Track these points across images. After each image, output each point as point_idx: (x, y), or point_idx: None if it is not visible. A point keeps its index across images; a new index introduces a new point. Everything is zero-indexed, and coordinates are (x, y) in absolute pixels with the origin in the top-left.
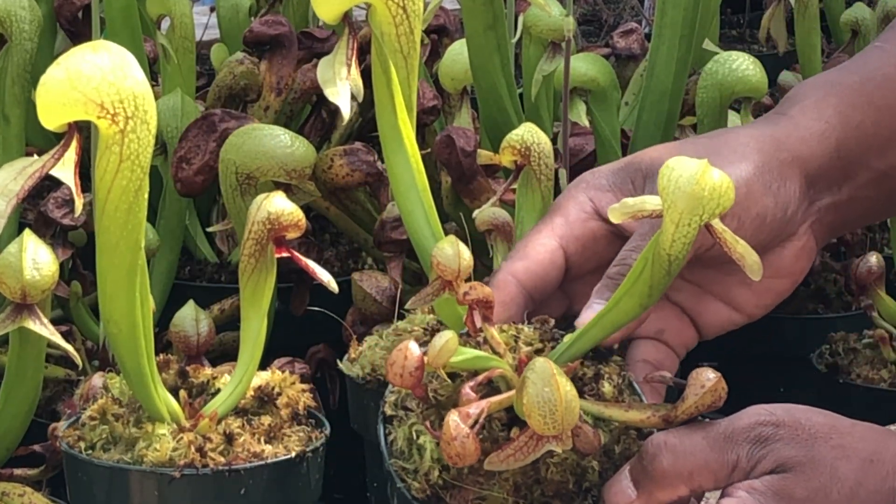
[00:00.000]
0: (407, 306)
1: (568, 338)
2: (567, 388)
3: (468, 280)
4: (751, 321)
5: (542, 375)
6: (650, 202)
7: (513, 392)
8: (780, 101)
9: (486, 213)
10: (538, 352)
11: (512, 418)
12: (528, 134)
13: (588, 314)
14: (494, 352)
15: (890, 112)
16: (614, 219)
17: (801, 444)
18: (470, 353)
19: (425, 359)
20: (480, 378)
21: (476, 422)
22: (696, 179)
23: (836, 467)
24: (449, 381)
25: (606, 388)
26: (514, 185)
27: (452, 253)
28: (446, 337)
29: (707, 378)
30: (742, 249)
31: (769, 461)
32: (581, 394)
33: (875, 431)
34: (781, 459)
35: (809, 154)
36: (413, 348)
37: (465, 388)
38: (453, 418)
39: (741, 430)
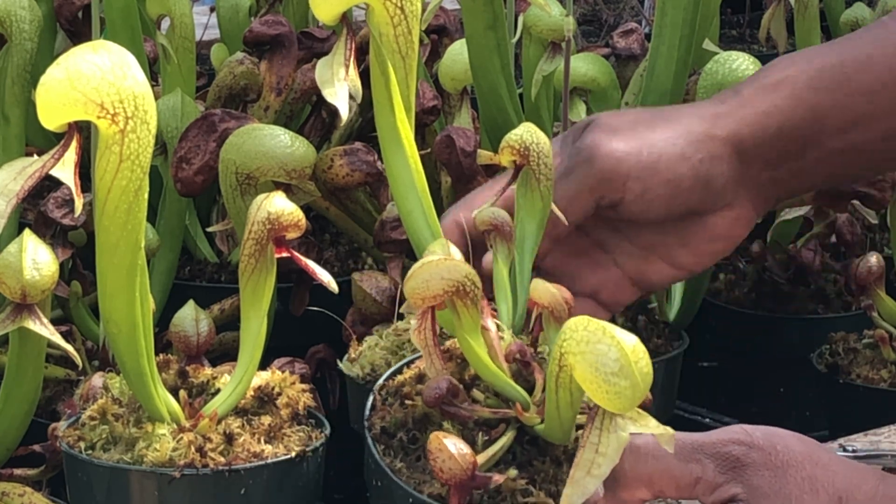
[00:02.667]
0: (401, 310)
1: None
2: None
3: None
4: (691, 276)
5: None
6: None
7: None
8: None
9: (486, 212)
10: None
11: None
12: (527, 134)
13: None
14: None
15: (860, 94)
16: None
17: (771, 472)
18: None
19: None
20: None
21: None
22: None
23: (802, 500)
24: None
25: None
26: (514, 186)
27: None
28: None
29: None
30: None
31: (735, 485)
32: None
33: (851, 469)
34: (748, 487)
35: (748, 134)
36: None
37: None
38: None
39: (711, 443)
